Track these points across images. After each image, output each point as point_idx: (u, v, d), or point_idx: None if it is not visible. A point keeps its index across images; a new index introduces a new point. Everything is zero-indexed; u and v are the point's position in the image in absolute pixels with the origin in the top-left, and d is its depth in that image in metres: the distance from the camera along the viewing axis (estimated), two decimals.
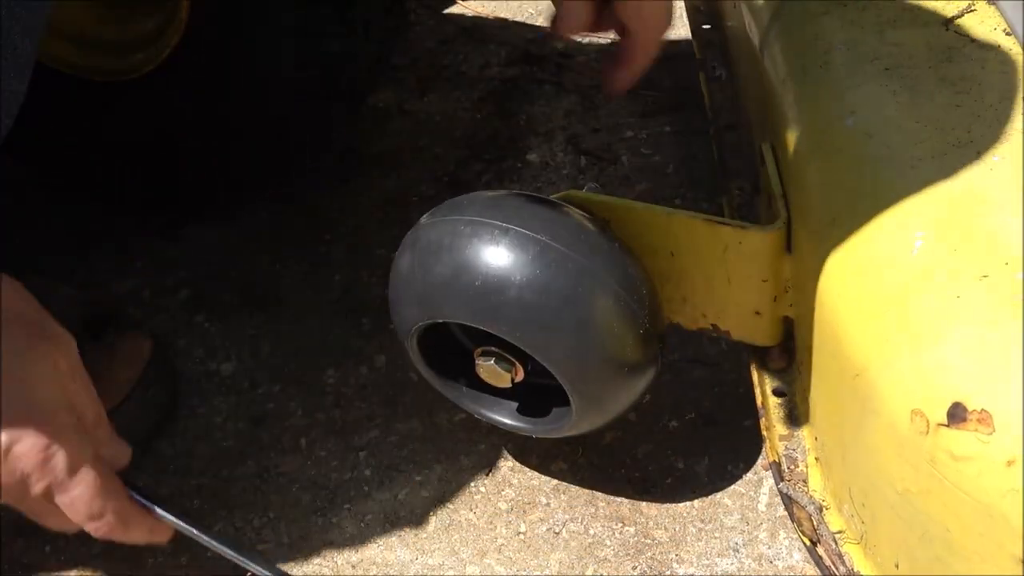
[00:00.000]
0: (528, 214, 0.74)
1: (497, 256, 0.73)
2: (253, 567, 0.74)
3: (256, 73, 1.01)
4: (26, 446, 0.66)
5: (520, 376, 0.79)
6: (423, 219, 0.78)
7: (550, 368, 0.75)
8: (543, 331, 0.73)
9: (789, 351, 0.81)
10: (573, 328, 0.73)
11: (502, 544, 0.84)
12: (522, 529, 0.85)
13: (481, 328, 0.75)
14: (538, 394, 0.82)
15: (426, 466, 0.90)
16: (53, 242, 1.06)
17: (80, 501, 0.69)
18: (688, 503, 0.86)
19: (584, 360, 0.74)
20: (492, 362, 0.78)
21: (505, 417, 0.83)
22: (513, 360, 0.78)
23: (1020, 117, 0.71)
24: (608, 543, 0.84)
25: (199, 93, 1.02)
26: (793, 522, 0.75)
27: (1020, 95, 0.73)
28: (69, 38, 1.02)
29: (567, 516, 0.86)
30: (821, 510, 0.74)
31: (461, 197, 0.78)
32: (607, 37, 0.87)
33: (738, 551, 0.82)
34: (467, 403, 0.84)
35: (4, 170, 1.07)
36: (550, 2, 0.85)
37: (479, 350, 0.78)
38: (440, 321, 0.76)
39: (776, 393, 0.80)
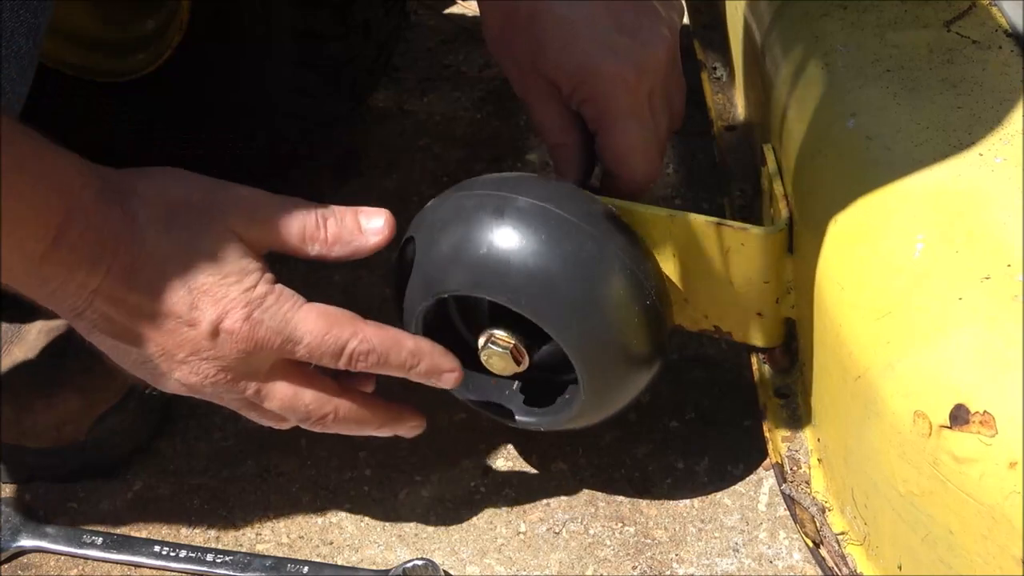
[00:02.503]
0: (536, 187, 0.74)
1: (504, 223, 0.72)
2: None
3: (256, 74, 1.01)
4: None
5: (525, 364, 0.77)
6: (429, 203, 0.77)
7: (556, 337, 0.73)
8: (550, 296, 0.71)
9: (791, 352, 0.81)
10: (581, 292, 0.71)
11: (502, 544, 0.85)
12: (522, 529, 0.85)
13: (486, 297, 0.73)
14: (542, 389, 0.81)
15: (426, 466, 0.90)
16: None
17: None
18: (688, 503, 0.86)
19: (591, 327, 0.72)
20: (497, 347, 0.76)
21: (509, 411, 0.82)
22: (519, 345, 0.76)
23: (1021, 119, 0.71)
24: (608, 543, 0.84)
25: (200, 93, 1.02)
26: (796, 523, 0.75)
27: (1021, 96, 0.73)
28: (70, 38, 1.02)
29: (567, 516, 0.86)
30: (824, 511, 0.74)
31: (467, 180, 0.77)
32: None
33: (738, 551, 0.82)
34: (469, 397, 0.83)
35: None
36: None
37: (484, 336, 0.77)
38: (445, 296, 0.75)
39: (778, 394, 0.81)
